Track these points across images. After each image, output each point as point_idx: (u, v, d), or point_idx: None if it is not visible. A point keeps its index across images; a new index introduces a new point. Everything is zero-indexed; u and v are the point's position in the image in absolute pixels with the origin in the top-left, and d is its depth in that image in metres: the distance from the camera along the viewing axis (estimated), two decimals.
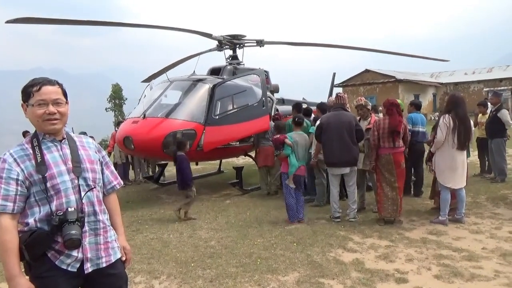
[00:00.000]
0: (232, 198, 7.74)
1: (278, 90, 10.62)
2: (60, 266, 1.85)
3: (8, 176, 1.81)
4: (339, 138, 5.54)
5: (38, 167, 1.83)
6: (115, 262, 2.03)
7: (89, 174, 1.97)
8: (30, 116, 1.91)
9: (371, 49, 12.70)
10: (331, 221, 5.70)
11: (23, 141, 1.94)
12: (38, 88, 1.88)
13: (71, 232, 1.77)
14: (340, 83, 32.54)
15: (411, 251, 4.39)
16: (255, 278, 3.81)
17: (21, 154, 1.86)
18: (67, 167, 1.90)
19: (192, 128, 7.33)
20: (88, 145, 2.08)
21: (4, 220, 1.78)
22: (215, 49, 9.90)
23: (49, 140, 1.93)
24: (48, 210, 1.83)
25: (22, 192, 1.83)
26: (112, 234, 2.06)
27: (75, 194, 1.90)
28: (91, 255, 1.92)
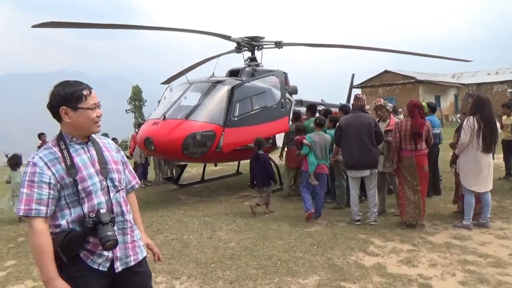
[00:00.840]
0: (251, 199, 7.72)
1: (297, 92, 10.57)
2: (92, 266, 1.88)
3: (41, 180, 1.82)
4: (358, 140, 5.48)
5: (68, 170, 1.85)
6: (142, 260, 2.07)
7: (115, 175, 2.01)
8: (80, 119, 1.91)
9: (390, 49, 12.54)
10: (351, 224, 5.64)
11: (49, 144, 1.95)
12: (89, 92, 1.94)
13: (107, 233, 1.79)
14: (359, 84, 32.21)
15: (435, 256, 4.30)
16: (275, 280, 3.80)
17: (51, 158, 1.87)
18: (95, 169, 1.94)
19: (211, 130, 7.37)
20: (110, 146, 2.11)
21: (38, 224, 1.79)
22: (233, 51, 9.93)
23: (76, 142, 1.96)
24: (80, 212, 1.86)
25: (54, 195, 1.84)
26: (137, 233, 2.10)
27: (104, 195, 1.94)
28: (121, 254, 1.96)
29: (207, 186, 9.56)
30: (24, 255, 4.90)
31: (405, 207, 5.33)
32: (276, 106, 8.20)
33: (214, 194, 8.46)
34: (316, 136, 6.17)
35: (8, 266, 4.56)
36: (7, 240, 5.63)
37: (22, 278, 4.17)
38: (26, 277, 4.20)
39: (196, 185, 9.66)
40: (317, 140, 6.09)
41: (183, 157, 7.58)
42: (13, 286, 3.98)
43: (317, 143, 6.06)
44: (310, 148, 6.00)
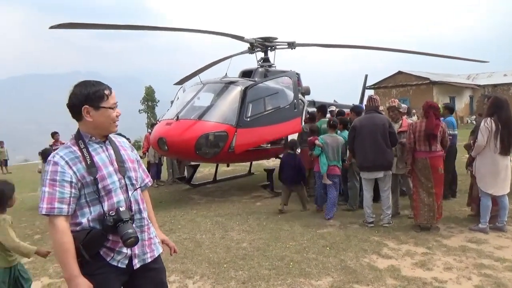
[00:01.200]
0: (263, 200, 7.74)
1: (309, 92, 10.55)
2: (112, 263, 1.91)
3: (63, 179, 1.84)
4: (372, 142, 5.43)
5: (89, 169, 1.88)
6: (157, 257, 2.11)
7: (132, 173, 2.05)
8: (101, 118, 1.94)
9: (404, 50, 12.41)
10: (364, 226, 5.60)
11: (68, 143, 1.98)
12: (110, 91, 1.98)
13: (128, 231, 1.83)
14: (372, 85, 31.96)
15: (450, 260, 4.24)
16: (288, 281, 3.79)
17: (72, 157, 1.89)
18: (113, 167, 1.97)
19: (224, 130, 7.39)
20: (125, 145, 2.15)
21: (60, 222, 1.82)
22: (246, 51, 9.95)
23: (95, 142, 1.99)
24: (101, 210, 1.89)
25: (75, 194, 1.87)
26: (153, 230, 2.14)
27: (123, 193, 1.97)
28: (138, 251, 1.99)
29: (219, 186, 9.59)
30: None
31: (419, 209, 5.26)
32: (289, 106, 8.19)
33: (226, 194, 8.48)
34: (329, 138, 6.28)
35: (24, 263, 4.63)
36: (23, 238, 5.72)
37: (38, 275, 4.25)
38: (42, 274, 4.27)
39: (209, 185, 9.70)
40: (330, 142, 6.21)
41: (196, 157, 7.62)
42: None
43: (329, 144, 6.19)
44: (322, 149, 6.16)
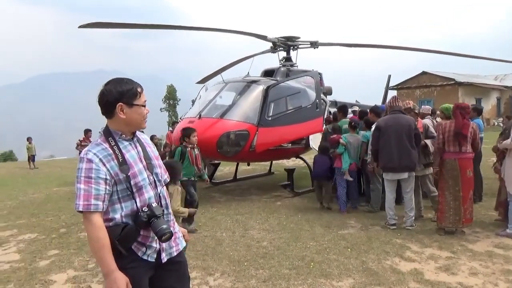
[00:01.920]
0: (283, 200, 7.73)
1: (331, 92, 10.46)
2: (142, 257, 1.95)
3: (98, 176, 1.87)
4: (398, 142, 5.35)
5: (121, 166, 1.91)
6: (182, 250, 2.16)
7: (158, 170, 2.09)
8: (134, 115, 1.97)
9: (429, 49, 12.14)
10: (386, 228, 5.51)
11: (99, 140, 1.99)
12: (142, 90, 2.02)
13: (163, 227, 1.88)
14: (395, 86, 31.42)
15: (475, 265, 4.13)
16: (308, 281, 3.77)
17: (105, 154, 1.92)
18: (143, 164, 2.01)
19: (245, 129, 7.41)
20: (148, 142, 2.17)
21: (97, 218, 1.86)
22: (269, 51, 9.95)
23: (125, 139, 2.01)
24: (133, 207, 1.93)
25: (109, 191, 1.90)
26: (176, 225, 2.20)
27: (153, 189, 2.01)
28: (166, 245, 2.03)
29: (239, 185, 9.63)
30: (65, 246, 5.12)
31: (444, 212, 5.15)
32: (310, 106, 8.14)
33: (246, 193, 8.51)
34: (351, 138, 6.69)
35: (51, 256, 4.78)
36: (50, 231, 5.90)
37: (64, 267, 4.36)
38: (68, 267, 4.38)
39: (229, 183, 9.75)
40: (352, 141, 6.64)
41: (217, 155, 7.67)
42: (56, 274, 4.16)
43: (351, 143, 6.60)
44: (346, 148, 6.50)
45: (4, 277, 4.13)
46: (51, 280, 4.02)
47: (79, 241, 5.31)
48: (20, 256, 4.81)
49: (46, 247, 5.11)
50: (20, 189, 10.73)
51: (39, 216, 6.96)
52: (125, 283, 1.84)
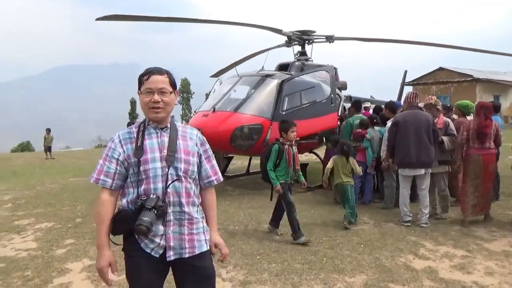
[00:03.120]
0: (296, 194, 7.65)
1: (346, 87, 10.35)
2: (145, 249, 1.93)
3: (112, 155, 1.96)
4: (416, 138, 5.29)
5: (136, 150, 1.93)
6: (200, 254, 2.01)
7: (181, 165, 1.97)
8: (140, 103, 2.01)
9: (446, 45, 11.90)
10: (400, 224, 5.46)
11: (134, 125, 2.07)
12: (148, 77, 1.97)
13: (142, 218, 1.82)
14: (411, 81, 30.96)
15: (491, 264, 4.07)
16: (321, 276, 3.76)
17: (126, 137, 1.99)
18: (161, 154, 1.95)
19: (259, 123, 7.40)
20: (191, 136, 2.08)
21: (104, 194, 1.96)
22: (283, 45, 9.89)
23: (152, 127, 2.02)
24: (137, 193, 1.94)
25: (121, 171, 1.96)
26: (200, 227, 2.04)
27: (162, 182, 1.93)
28: (174, 244, 1.95)
29: (252, 178, 9.64)
30: (81, 235, 5.22)
31: (465, 204, 5.32)
32: (325, 101, 8.09)
33: (259, 187, 8.51)
34: (373, 132, 6.84)
35: (67, 244, 4.87)
36: (66, 220, 6.01)
37: (80, 256, 4.44)
38: (84, 256, 4.46)
39: (242, 177, 9.77)
40: (374, 136, 6.78)
41: (231, 149, 7.68)
42: (72, 263, 4.24)
43: (374, 138, 6.75)
44: (370, 143, 6.68)
45: (22, 264, 4.23)
46: (67, 268, 4.10)
47: (94, 231, 5.36)
48: (38, 244, 4.92)
49: (63, 236, 5.21)
50: (38, 179, 10.96)
51: (55, 205, 7.10)
52: (108, 262, 1.95)
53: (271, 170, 4.86)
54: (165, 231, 1.92)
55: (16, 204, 7.40)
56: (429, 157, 5.30)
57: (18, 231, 5.49)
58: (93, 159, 16.85)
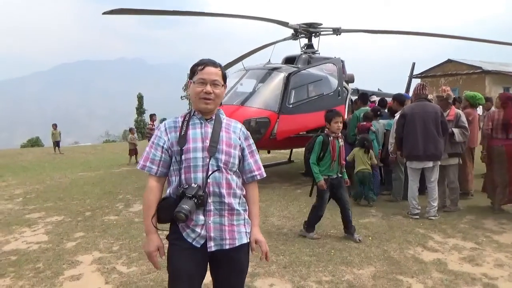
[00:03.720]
0: (303, 187, 7.70)
1: (353, 80, 10.28)
2: (187, 238, 1.96)
3: (158, 143, 2.02)
4: (424, 130, 5.23)
5: (179, 139, 1.97)
6: (240, 246, 2.02)
7: (222, 156, 1.98)
8: (190, 92, 2.04)
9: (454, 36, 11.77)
10: (408, 217, 5.44)
11: (180, 114, 2.10)
12: (202, 67, 2.00)
13: (182, 205, 1.85)
14: (419, 74, 30.63)
15: (501, 256, 4.04)
16: (329, 268, 3.77)
17: (171, 125, 2.04)
18: (203, 145, 1.97)
19: (266, 117, 7.40)
20: (234, 129, 2.09)
21: (150, 181, 2.02)
22: (290, 37, 9.84)
23: (197, 117, 2.04)
24: (178, 181, 1.97)
25: (165, 159, 2.01)
26: (241, 219, 2.05)
27: (203, 172, 1.94)
28: (215, 234, 1.96)
29: None
30: (91, 228, 5.27)
31: (490, 191, 5.68)
32: (332, 94, 8.06)
33: (266, 180, 8.46)
34: (378, 125, 6.81)
35: (77, 238, 4.93)
36: (75, 214, 6.08)
37: (89, 249, 4.49)
38: (93, 248, 4.51)
39: None
40: (379, 128, 6.76)
41: None
42: (82, 256, 4.29)
43: (379, 131, 6.73)
44: (376, 135, 6.65)
45: (34, 256, 4.29)
46: (77, 260, 4.15)
47: (103, 224, 5.45)
48: (48, 237, 4.98)
49: (73, 229, 5.27)
50: (47, 173, 11.08)
51: (65, 199, 7.18)
52: (156, 247, 1.99)
53: (314, 164, 4.56)
54: (205, 221, 1.94)
55: (26, 198, 7.50)
56: (437, 150, 5.25)
57: (29, 225, 5.57)
58: (101, 154, 17.01)
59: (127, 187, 8.23)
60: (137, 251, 4.35)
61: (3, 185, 9.23)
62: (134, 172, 10.50)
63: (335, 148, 4.53)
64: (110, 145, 25.73)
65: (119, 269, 3.90)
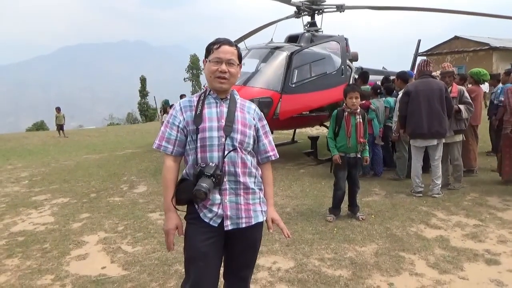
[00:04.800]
0: (307, 167, 7.71)
1: (357, 59, 10.13)
2: (204, 218, 1.96)
3: (173, 122, 2.02)
4: (428, 107, 5.16)
5: (195, 118, 1.97)
6: (256, 225, 2.04)
7: (238, 135, 1.99)
8: (206, 71, 2.03)
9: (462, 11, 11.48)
10: (411, 195, 5.44)
11: (195, 94, 2.09)
12: (218, 46, 1.98)
13: (201, 184, 1.86)
14: (425, 52, 30.14)
15: (504, 232, 4.04)
16: (331, 246, 3.80)
17: (186, 105, 2.04)
18: (219, 124, 1.97)
19: (269, 96, 7.33)
20: (248, 110, 2.10)
21: (167, 160, 2.03)
22: (292, 15, 9.68)
23: (212, 96, 2.04)
24: (195, 160, 1.98)
25: (181, 138, 2.01)
26: (256, 197, 2.05)
27: (219, 151, 1.95)
28: (231, 213, 1.97)
29: None
30: (96, 209, 5.33)
31: (506, 167, 5.68)
32: (335, 73, 7.96)
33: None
34: (378, 103, 6.72)
35: (83, 218, 4.99)
36: (81, 196, 6.14)
37: (95, 229, 4.55)
38: (99, 229, 4.57)
39: None
40: (379, 106, 6.67)
41: None
42: (88, 236, 4.36)
43: (379, 108, 6.64)
44: (376, 113, 6.53)
45: (41, 237, 4.35)
46: (83, 241, 4.21)
47: (108, 205, 5.51)
48: (54, 218, 5.05)
49: (78, 211, 5.33)
50: (52, 156, 11.17)
51: (70, 182, 7.25)
52: (175, 225, 2.01)
53: (330, 138, 4.56)
54: (221, 200, 1.96)
55: (32, 180, 7.58)
56: (442, 127, 5.18)
57: (35, 207, 5.64)
58: (105, 137, 17.08)
59: (131, 168, 8.27)
60: (141, 231, 4.40)
61: (9, 168, 9.33)
62: (138, 154, 10.55)
63: (349, 123, 4.43)
64: (115, 128, 25.80)
65: (124, 248, 3.96)
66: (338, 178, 4.61)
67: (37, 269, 3.54)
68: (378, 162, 6.73)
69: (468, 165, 6.29)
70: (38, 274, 3.44)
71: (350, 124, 4.44)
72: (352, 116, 4.47)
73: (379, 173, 6.70)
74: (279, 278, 3.21)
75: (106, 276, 3.35)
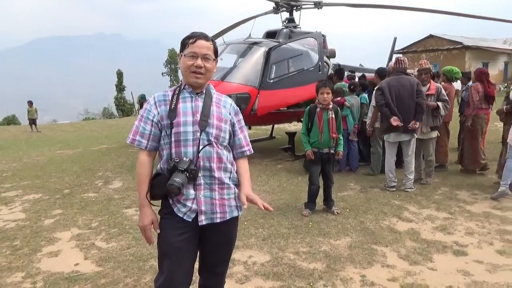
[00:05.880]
0: (284, 163, 7.77)
1: (335, 55, 10.25)
2: (177, 213, 1.95)
3: (147, 116, 1.99)
4: (400, 103, 5.27)
5: (169, 113, 1.94)
6: (230, 220, 2.05)
7: (213, 130, 1.97)
8: (181, 65, 2.00)
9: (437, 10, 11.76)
10: (385, 190, 5.57)
11: (170, 88, 2.06)
12: (194, 40, 1.95)
13: (174, 179, 1.85)
14: (401, 50, 30.77)
15: (472, 225, 4.20)
16: (306, 240, 3.85)
17: (161, 99, 2.00)
18: (194, 118, 1.95)
19: (246, 92, 7.33)
20: (224, 104, 2.08)
21: (141, 155, 2.01)
22: (271, 11, 9.69)
23: (188, 91, 2.01)
24: (169, 155, 1.95)
25: (155, 133, 1.98)
26: (231, 193, 2.04)
27: (194, 146, 1.93)
28: (205, 208, 1.96)
29: None
30: (69, 205, 5.22)
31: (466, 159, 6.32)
32: (313, 69, 8.03)
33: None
34: (353, 99, 6.85)
35: (55, 215, 4.88)
36: (54, 192, 6.00)
37: (68, 226, 4.46)
38: (72, 225, 4.48)
39: None
40: (354, 103, 6.79)
41: None
42: (61, 232, 4.27)
43: (354, 105, 6.76)
44: (350, 110, 6.62)
45: (11, 234, 4.24)
46: (55, 237, 4.12)
47: (82, 201, 5.40)
48: (26, 215, 4.92)
49: (51, 207, 5.21)
50: (24, 151, 10.84)
51: (42, 177, 7.06)
52: (150, 220, 2.00)
53: (304, 134, 4.63)
54: (196, 195, 1.94)
55: (2, 176, 7.34)
56: None
57: (5, 203, 5.48)
58: (80, 132, 16.69)
59: (106, 164, 8.13)
60: (116, 227, 4.34)
61: None
62: (113, 149, 10.36)
63: (321, 119, 4.49)
64: (90, 123, 25.22)
65: (98, 244, 3.90)
66: (311, 173, 4.68)
67: (7, 267, 3.45)
68: (353, 158, 6.85)
69: (440, 160, 6.48)
70: (8, 272, 3.36)
71: (322, 119, 4.50)
72: (325, 111, 4.53)
73: (355, 168, 6.82)
74: (255, 272, 3.24)
75: (79, 273, 3.30)
